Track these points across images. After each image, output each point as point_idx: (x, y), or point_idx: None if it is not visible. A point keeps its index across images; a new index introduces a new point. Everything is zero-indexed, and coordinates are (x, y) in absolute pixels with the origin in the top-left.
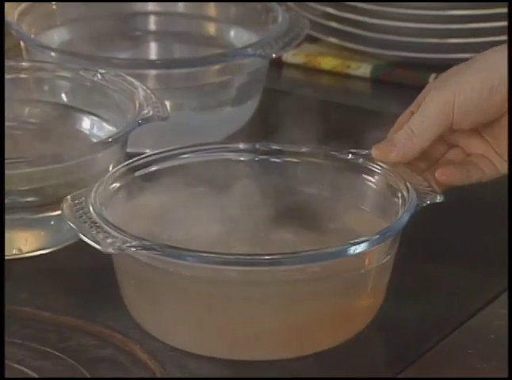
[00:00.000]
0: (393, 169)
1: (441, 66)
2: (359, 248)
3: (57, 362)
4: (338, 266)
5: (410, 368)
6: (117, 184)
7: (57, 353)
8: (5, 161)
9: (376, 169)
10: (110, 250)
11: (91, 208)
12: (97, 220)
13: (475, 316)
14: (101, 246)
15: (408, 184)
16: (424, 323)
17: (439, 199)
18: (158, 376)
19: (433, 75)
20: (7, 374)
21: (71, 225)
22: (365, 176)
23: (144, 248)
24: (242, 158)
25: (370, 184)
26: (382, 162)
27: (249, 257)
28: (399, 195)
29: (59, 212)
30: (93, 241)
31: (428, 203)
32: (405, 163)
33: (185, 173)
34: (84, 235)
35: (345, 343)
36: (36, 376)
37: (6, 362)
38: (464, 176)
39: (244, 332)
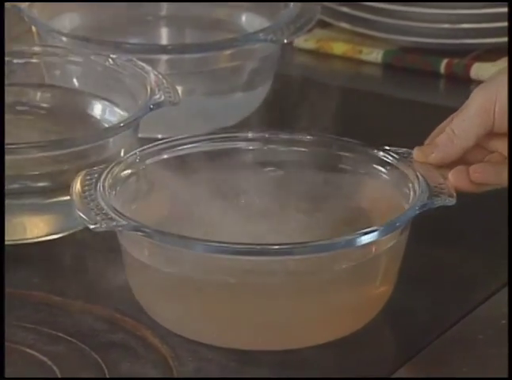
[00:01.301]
0: (406, 160)
1: (453, 52)
2: (367, 239)
3: (68, 346)
4: (343, 255)
5: (421, 355)
6: (128, 171)
7: (68, 337)
8: (17, 145)
9: (388, 159)
10: (97, 226)
11: (98, 186)
12: (97, 198)
13: (486, 302)
14: (89, 222)
15: (419, 175)
16: (434, 309)
17: (450, 201)
18: (170, 361)
19: (444, 61)
20: (18, 358)
21: (72, 196)
22: (377, 166)
23: (132, 229)
24: (251, 147)
25: (382, 174)
26: (423, 163)
27: (258, 247)
28: (410, 185)
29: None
30: (84, 216)
31: (439, 203)
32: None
33: (195, 162)
34: (78, 209)
35: (356, 331)
36: (46, 360)
37: (17, 346)
38: (497, 174)
39: (252, 322)
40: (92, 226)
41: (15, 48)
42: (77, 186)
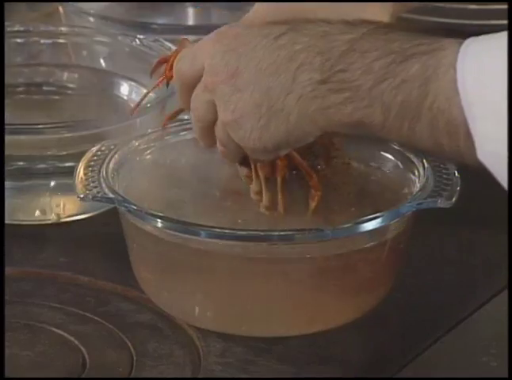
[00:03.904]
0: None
1: (478, 33)
2: (370, 226)
3: (96, 326)
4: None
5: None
6: (137, 150)
7: (96, 317)
8: (44, 125)
9: (395, 145)
10: (81, 196)
11: (107, 157)
12: (99, 168)
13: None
14: (77, 191)
15: (426, 163)
16: (452, 295)
17: (447, 204)
18: (196, 341)
19: None
20: (45, 338)
21: (78, 165)
22: (384, 154)
23: (119, 204)
24: None
25: (390, 162)
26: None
27: (263, 233)
28: (416, 173)
29: None
30: (77, 183)
31: (433, 205)
32: None
33: (191, 147)
34: (76, 176)
35: (361, 324)
36: (73, 340)
37: (45, 326)
38: None
39: (258, 308)
40: (77, 194)
41: (42, 28)
42: (88, 156)
